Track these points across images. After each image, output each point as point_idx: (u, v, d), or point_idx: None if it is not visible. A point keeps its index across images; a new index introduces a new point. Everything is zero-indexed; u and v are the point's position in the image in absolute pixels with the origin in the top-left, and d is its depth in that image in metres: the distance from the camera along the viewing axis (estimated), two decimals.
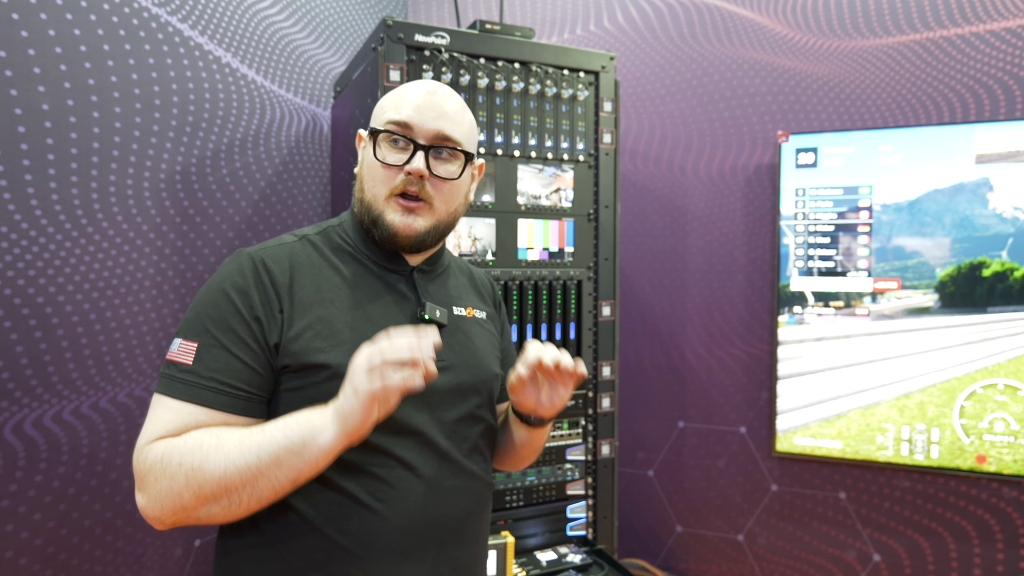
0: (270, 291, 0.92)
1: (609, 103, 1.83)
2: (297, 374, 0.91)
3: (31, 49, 1.41)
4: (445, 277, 1.11)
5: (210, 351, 0.89)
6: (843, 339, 2.10)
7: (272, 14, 2.08)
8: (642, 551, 2.48)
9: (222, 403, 0.88)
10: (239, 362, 0.89)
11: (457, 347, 1.04)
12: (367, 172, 1.00)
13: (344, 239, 1.03)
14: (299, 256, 0.98)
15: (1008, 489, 2.00)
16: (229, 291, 0.91)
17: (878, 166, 2.05)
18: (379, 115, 1.00)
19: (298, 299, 0.93)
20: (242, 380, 0.89)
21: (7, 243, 1.38)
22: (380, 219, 0.98)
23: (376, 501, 0.90)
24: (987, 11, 2.02)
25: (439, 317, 1.01)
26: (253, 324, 0.90)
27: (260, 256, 0.95)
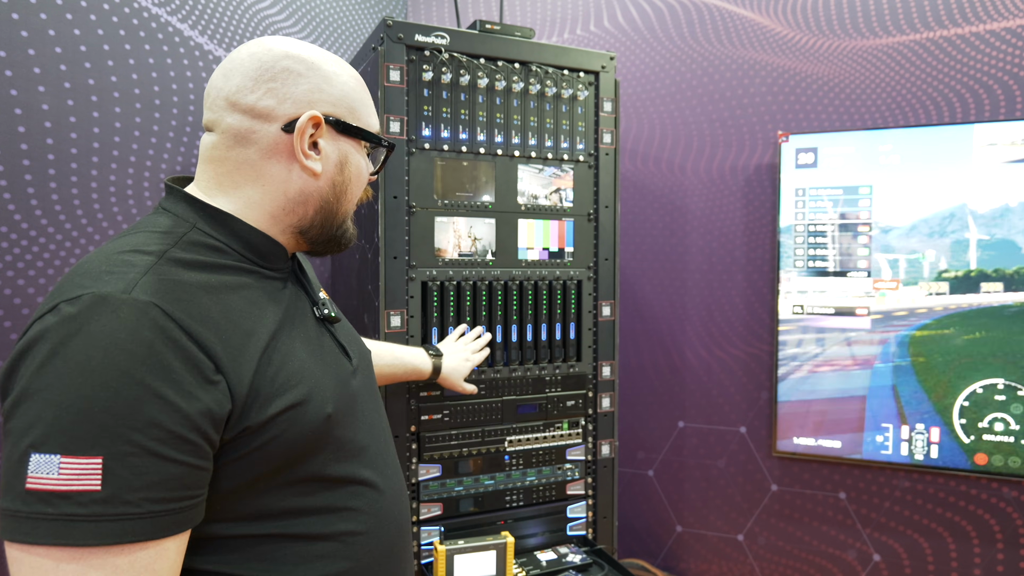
0: (191, 347, 0.66)
1: (609, 103, 1.83)
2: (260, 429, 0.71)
3: (31, 49, 1.41)
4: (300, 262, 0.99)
5: (127, 463, 0.60)
6: (843, 339, 2.10)
7: (272, 14, 2.08)
8: (642, 551, 2.48)
9: (166, 528, 0.63)
10: (176, 465, 0.63)
11: (352, 339, 0.94)
12: (355, 183, 0.86)
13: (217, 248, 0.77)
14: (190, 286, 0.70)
15: (1008, 489, 2.00)
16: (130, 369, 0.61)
17: (878, 166, 2.05)
18: (366, 117, 0.87)
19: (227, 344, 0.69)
20: (184, 487, 0.64)
21: (7, 243, 1.38)
22: (344, 231, 0.88)
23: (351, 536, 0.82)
24: (987, 11, 2.02)
25: (334, 314, 0.92)
26: (185, 405, 0.64)
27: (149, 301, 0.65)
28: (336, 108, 0.83)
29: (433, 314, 1.64)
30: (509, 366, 1.73)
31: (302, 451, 0.75)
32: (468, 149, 1.69)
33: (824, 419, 2.12)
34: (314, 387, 0.77)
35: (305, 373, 0.77)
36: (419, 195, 1.63)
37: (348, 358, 0.88)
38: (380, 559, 0.85)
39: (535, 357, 1.75)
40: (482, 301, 1.69)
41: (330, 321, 0.89)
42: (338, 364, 0.86)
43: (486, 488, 1.70)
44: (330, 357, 0.85)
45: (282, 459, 0.73)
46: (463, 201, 1.69)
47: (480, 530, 1.67)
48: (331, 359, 0.85)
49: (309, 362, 0.79)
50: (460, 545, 1.51)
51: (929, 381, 2.00)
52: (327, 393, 0.79)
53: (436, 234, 1.66)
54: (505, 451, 1.72)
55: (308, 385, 0.76)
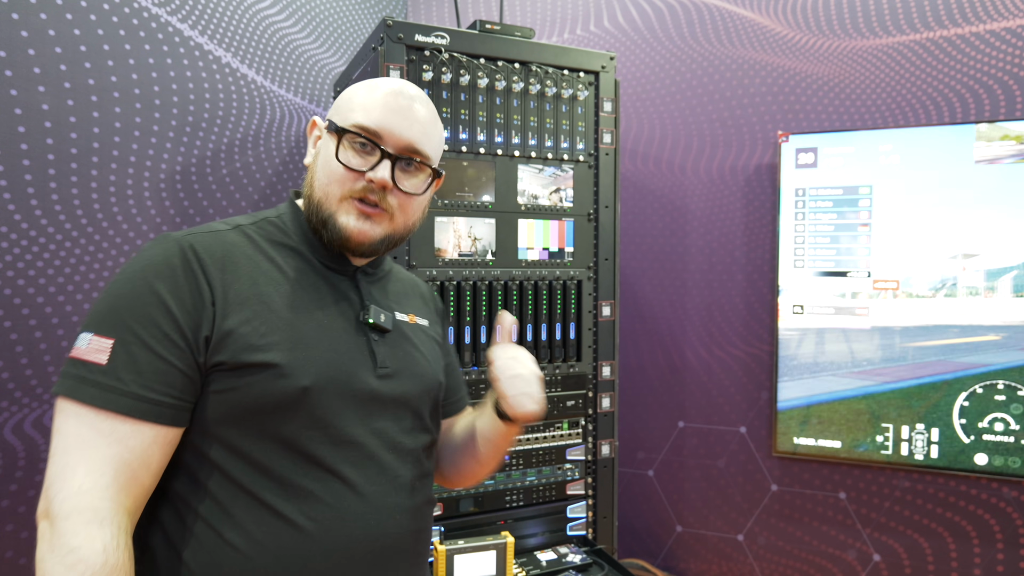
0: (200, 279, 0.82)
1: (609, 103, 1.83)
2: (232, 373, 0.81)
3: (31, 49, 1.41)
4: (386, 281, 1.05)
5: (129, 349, 0.77)
6: (843, 338, 2.10)
7: (272, 14, 2.08)
8: (642, 551, 2.48)
9: (142, 411, 0.76)
10: (164, 363, 0.78)
11: (401, 354, 0.97)
12: (323, 169, 0.91)
13: (283, 231, 0.94)
14: (234, 246, 0.88)
15: (1008, 489, 2.00)
16: (152, 280, 0.80)
17: (878, 166, 2.05)
18: (346, 111, 0.92)
19: (233, 291, 0.83)
20: (167, 384, 0.78)
21: (7, 243, 1.38)
22: (331, 220, 0.90)
23: (308, 520, 0.82)
24: (987, 11, 2.02)
25: (383, 322, 0.95)
26: (181, 316, 0.79)
27: (189, 241, 0.84)
28: (331, 111, 0.95)
29: None
30: None
31: (272, 409, 0.82)
32: (468, 149, 1.69)
33: (824, 419, 2.12)
34: (301, 361, 0.84)
35: (297, 346, 0.84)
36: None
37: (374, 361, 0.92)
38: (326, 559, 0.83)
39: (535, 357, 1.75)
40: (482, 301, 1.69)
41: (374, 329, 0.95)
42: (354, 357, 0.90)
43: (486, 488, 1.70)
44: (345, 348, 0.90)
45: (254, 408, 0.82)
46: (463, 201, 1.69)
47: (480, 530, 1.67)
48: (346, 350, 0.90)
49: (311, 340, 0.86)
50: (460, 545, 1.51)
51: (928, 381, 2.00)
52: (312, 371, 0.85)
53: (436, 234, 1.66)
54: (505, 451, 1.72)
55: (293, 355, 0.84)
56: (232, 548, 0.80)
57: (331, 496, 0.84)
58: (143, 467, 0.78)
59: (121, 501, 0.76)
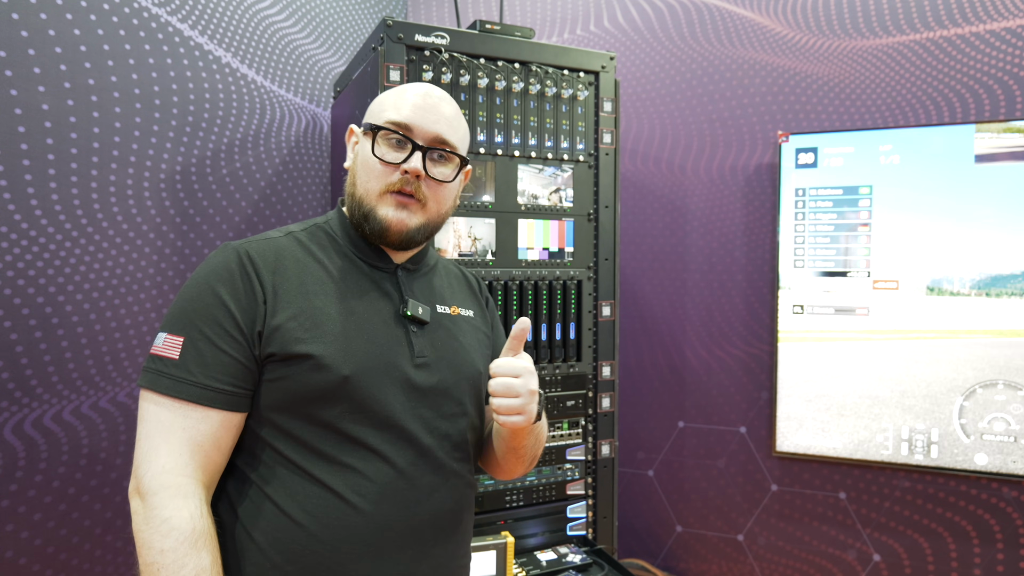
0: (254, 281, 0.93)
1: (609, 103, 1.83)
2: (281, 363, 0.91)
3: (31, 49, 1.41)
4: (430, 276, 1.12)
5: (196, 346, 0.89)
6: (843, 338, 2.10)
7: (272, 14, 2.08)
8: (642, 551, 2.48)
9: (209, 399, 0.88)
10: (226, 356, 0.90)
11: (439, 344, 1.05)
12: (362, 167, 1.01)
13: (331, 235, 1.05)
14: (285, 250, 0.99)
15: (1008, 489, 2.00)
16: (214, 284, 0.92)
17: (878, 166, 2.05)
18: (378, 112, 1.02)
19: (282, 290, 0.94)
20: (229, 374, 0.90)
21: (7, 243, 1.38)
22: (372, 213, 0.99)
23: (355, 495, 0.91)
24: (987, 11, 2.02)
25: (421, 314, 1.03)
26: (239, 314, 0.91)
27: (245, 249, 0.96)
28: (367, 117, 1.04)
29: None
30: None
31: (317, 396, 0.91)
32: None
33: (824, 419, 2.12)
34: (339, 352, 0.93)
35: (338, 338, 0.94)
36: None
37: (411, 351, 1.00)
38: (370, 530, 0.92)
39: (535, 357, 1.75)
40: None
41: (412, 321, 1.02)
42: (392, 348, 0.99)
43: (486, 488, 1.70)
44: (383, 339, 0.98)
45: (301, 395, 0.91)
46: (463, 201, 1.69)
47: (480, 530, 1.67)
48: (384, 341, 0.98)
49: (350, 333, 0.95)
50: None
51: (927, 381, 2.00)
52: (352, 361, 0.93)
53: (436, 234, 1.65)
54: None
55: (334, 348, 0.93)
56: (287, 516, 0.90)
57: (375, 473, 0.93)
58: (214, 447, 0.90)
59: (199, 477, 0.88)
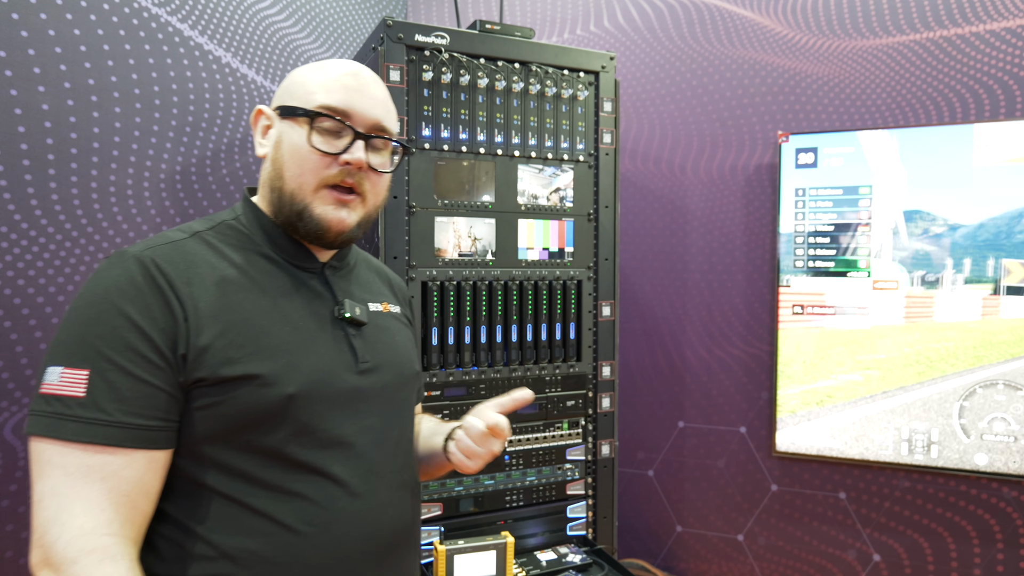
0: (168, 294, 0.78)
1: (609, 103, 1.83)
2: (214, 388, 0.79)
3: (31, 49, 1.41)
4: (355, 271, 1.03)
5: (106, 377, 0.74)
6: (843, 338, 2.10)
7: (272, 14, 2.08)
8: (642, 551, 2.48)
9: (133, 439, 0.74)
10: (147, 386, 0.75)
11: (380, 346, 0.95)
12: (291, 158, 0.87)
13: (245, 233, 0.91)
14: (195, 255, 0.84)
15: (1008, 489, 2.00)
16: (118, 301, 0.76)
17: (878, 166, 2.05)
18: (304, 95, 0.88)
19: (202, 304, 0.80)
20: (153, 407, 0.76)
21: (7, 243, 1.38)
22: (307, 212, 0.87)
23: (305, 524, 0.81)
24: (987, 11, 2.01)
25: (358, 315, 0.94)
26: (155, 335, 0.76)
27: (150, 256, 0.80)
28: (280, 97, 0.92)
29: (433, 314, 1.64)
30: (509, 366, 1.73)
31: (258, 420, 0.80)
32: (468, 149, 1.69)
33: (824, 419, 2.11)
34: (282, 367, 0.82)
35: (277, 353, 0.82)
36: (419, 195, 1.63)
37: (355, 357, 0.91)
38: (326, 560, 0.83)
39: (535, 357, 1.75)
40: (482, 301, 1.69)
41: (350, 323, 0.93)
42: (333, 357, 0.89)
43: (486, 488, 1.70)
44: (324, 348, 0.88)
45: (239, 422, 0.79)
46: (463, 201, 1.69)
47: (480, 530, 1.67)
48: (325, 350, 0.88)
49: (290, 345, 0.84)
50: (460, 545, 1.51)
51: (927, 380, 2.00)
52: (297, 377, 0.83)
53: (436, 234, 1.66)
54: (505, 451, 1.72)
55: (275, 363, 0.82)
56: (229, 560, 0.79)
57: (325, 498, 0.83)
58: (142, 495, 0.76)
59: (127, 533, 0.75)
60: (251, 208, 0.93)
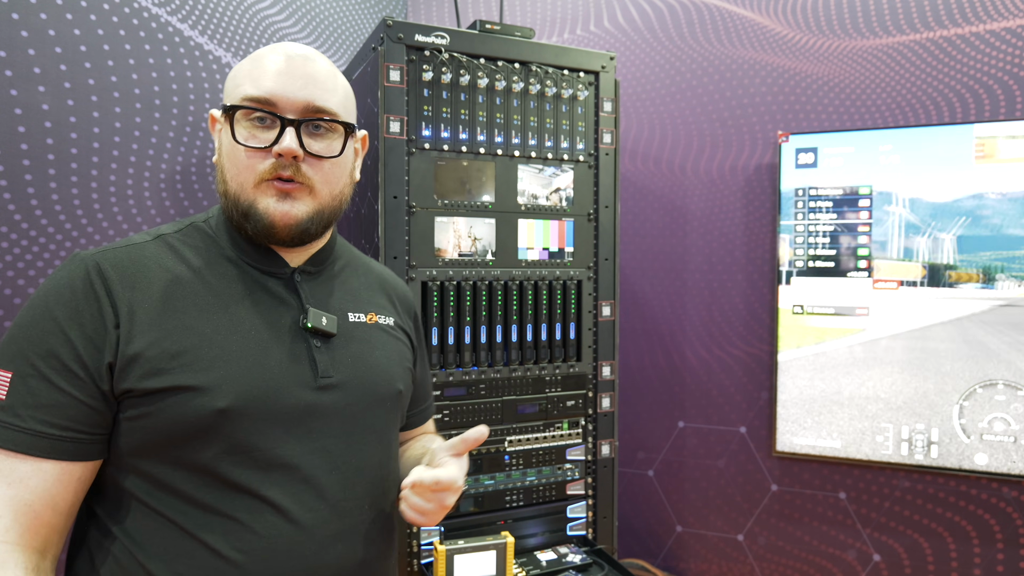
0: (103, 301, 0.76)
1: (609, 103, 1.83)
2: (142, 399, 0.75)
3: (31, 49, 1.41)
4: (340, 277, 0.95)
5: (27, 383, 0.72)
6: (843, 338, 2.10)
7: (272, 14, 2.08)
8: (642, 551, 2.48)
9: (42, 448, 0.72)
10: (64, 395, 0.73)
11: (349, 360, 0.88)
12: (227, 159, 0.83)
13: (210, 236, 0.88)
14: (149, 259, 0.81)
15: (1008, 489, 2.00)
16: (52, 306, 0.75)
17: (878, 166, 2.05)
18: (232, 90, 0.83)
19: (141, 309, 0.77)
20: (68, 417, 0.73)
21: (7, 243, 1.38)
22: (252, 209, 0.82)
23: (236, 552, 0.76)
24: (987, 11, 2.02)
25: (325, 325, 0.86)
26: (80, 343, 0.74)
27: (96, 260, 0.78)
28: (225, 98, 0.87)
29: (433, 314, 1.64)
30: (509, 366, 1.73)
31: (186, 435, 0.76)
32: (468, 149, 1.69)
33: (824, 419, 2.12)
34: (217, 379, 0.77)
35: (214, 364, 0.77)
36: (419, 195, 1.63)
37: (314, 371, 0.84)
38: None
39: (535, 357, 1.75)
40: (482, 301, 1.69)
41: (315, 334, 0.86)
42: (286, 370, 0.82)
43: (486, 488, 1.70)
44: (274, 360, 0.82)
45: (165, 435, 0.76)
46: (463, 201, 1.69)
47: (480, 530, 1.67)
48: (276, 362, 0.82)
49: (233, 355, 0.79)
50: (460, 545, 1.51)
51: (928, 380, 2.00)
52: (232, 389, 0.77)
53: (436, 234, 1.66)
54: (505, 451, 1.72)
55: (209, 375, 0.77)
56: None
57: (261, 525, 0.77)
58: (47, 507, 0.73)
59: (26, 542, 0.72)
60: (220, 211, 0.89)
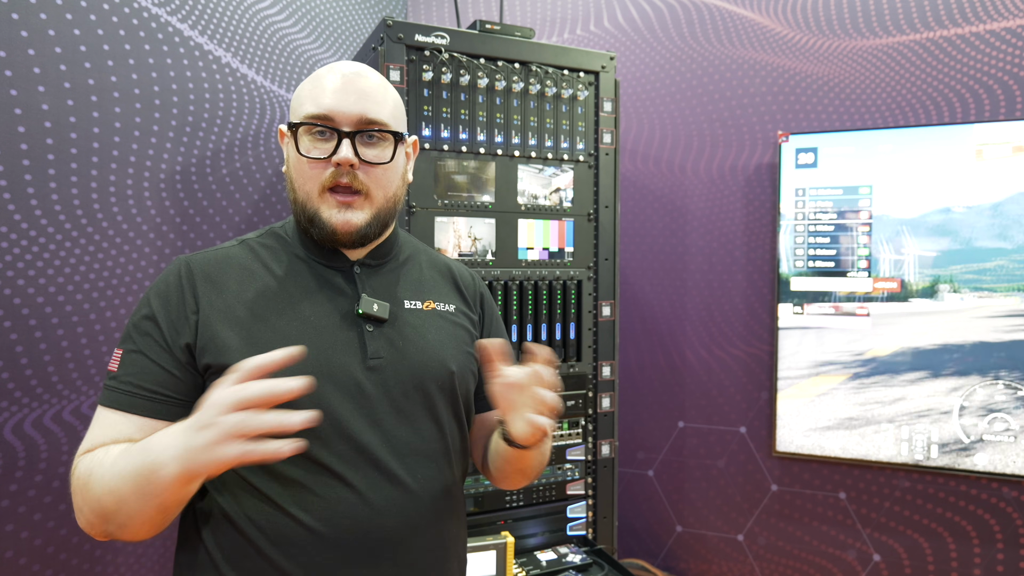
0: (187, 293, 0.91)
1: (609, 103, 1.83)
2: (218, 375, 0.82)
3: (31, 49, 1.41)
4: (401, 269, 1.05)
5: (131, 356, 0.89)
6: (843, 338, 2.10)
7: (272, 14, 2.08)
8: (642, 551, 2.48)
9: (137, 407, 0.87)
10: (154, 364, 0.88)
11: (401, 342, 0.97)
12: (294, 170, 0.95)
13: (283, 237, 1.01)
14: (232, 259, 0.96)
15: (1008, 489, 2.00)
16: (152, 297, 0.92)
17: (878, 166, 2.05)
18: (297, 108, 0.95)
19: (219, 300, 0.92)
20: (155, 383, 0.88)
21: (7, 243, 1.38)
22: (316, 217, 0.93)
23: (302, 511, 0.87)
24: (987, 11, 2.02)
25: (376, 311, 0.96)
26: (164, 325, 0.90)
27: (187, 261, 0.95)
28: (290, 116, 0.98)
29: None
30: None
31: None
32: (468, 149, 1.69)
33: (824, 419, 2.11)
34: None
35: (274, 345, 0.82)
36: (419, 195, 1.63)
37: (364, 353, 0.94)
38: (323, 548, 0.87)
39: None
40: None
41: (369, 320, 0.96)
42: (339, 351, 0.92)
43: (486, 488, 1.70)
44: (329, 342, 0.92)
45: None
46: (463, 201, 1.69)
47: (480, 530, 1.67)
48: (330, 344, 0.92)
49: (292, 339, 0.90)
50: None
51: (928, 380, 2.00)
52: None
53: (436, 234, 1.66)
54: None
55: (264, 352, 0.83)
56: (239, 532, 0.88)
57: (323, 488, 0.88)
58: None
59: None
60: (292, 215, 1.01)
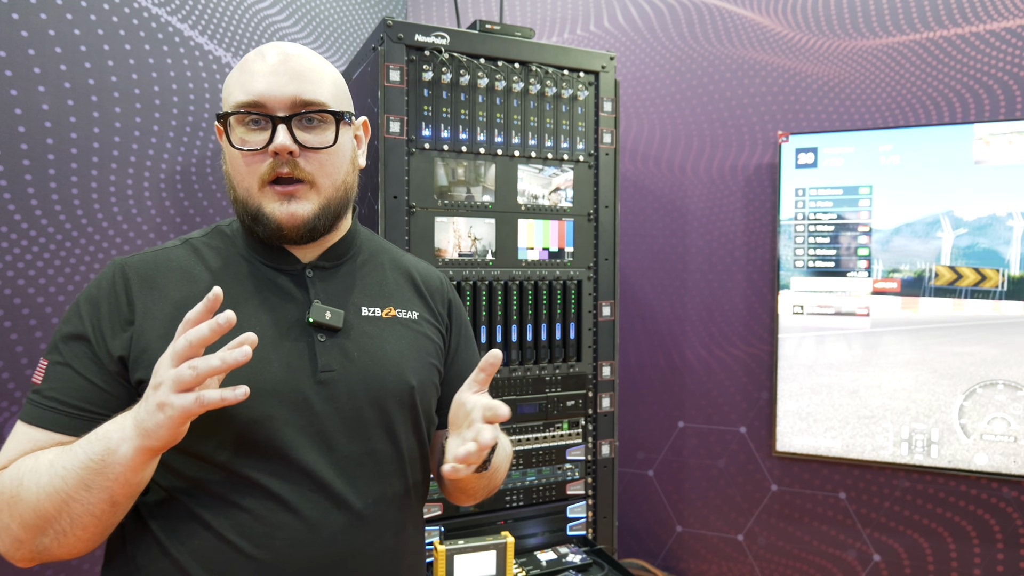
0: (121, 301, 0.83)
1: (609, 103, 1.83)
2: None
3: (31, 49, 1.41)
4: (359, 272, 0.96)
5: (56, 369, 0.82)
6: (843, 339, 2.10)
7: (272, 14, 2.08)
8: (642, 551, 2.48)
9: (61, 424, 0.80)
10: (81, 379, 0.81)
11: (356, 353, 0.88)
12: (231, 165, 0.87)
13: (230, 237, 0.93)
14: (171, 262, 0.88)
15: (1008, 489, 2.00)
16: (83, 304, 0.85)
17: (878, 166, 2.05)
18: (227, 98, 0.87)
19: (155, 308, 0.83)
20: (82, 399, 0.80)
21: (7, 243, 1.38)
22: (259, 213, 0.85)
23: (241, 539, 0.80)
24: (987, 11, 2.01)
25: (329, 319, 0.87)
26: (95, 337, 0.82)
27: (123, 264, 0.87)
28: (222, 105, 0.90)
29: None
30: (509, 366, 1.73)
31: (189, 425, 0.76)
32: (468, 149, 1.69)
33: (824, 419, 2.11)
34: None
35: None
36: (419, 195, 1.63)
37: (314, 366, 0.86)
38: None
39: (535, 357, 1.75)
40: (482, 301, 1.69)
41: (320, 329, 0.88)
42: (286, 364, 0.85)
43: None
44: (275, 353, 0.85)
45: None
46: (463, 201, 1.69)
47: (480, 530, 1.67)
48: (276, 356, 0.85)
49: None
50: (460, 545, 1.51)
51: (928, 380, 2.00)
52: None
53: (436, 234, 1.66)
54: None
55: None
56: (171, 561, 0.80)
57: (266, 513, 0.81)
58: None
59: None
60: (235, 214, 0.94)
